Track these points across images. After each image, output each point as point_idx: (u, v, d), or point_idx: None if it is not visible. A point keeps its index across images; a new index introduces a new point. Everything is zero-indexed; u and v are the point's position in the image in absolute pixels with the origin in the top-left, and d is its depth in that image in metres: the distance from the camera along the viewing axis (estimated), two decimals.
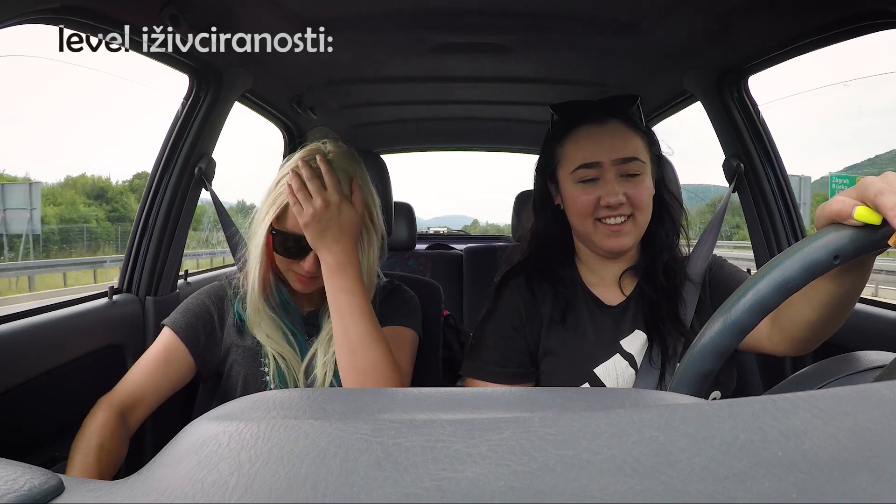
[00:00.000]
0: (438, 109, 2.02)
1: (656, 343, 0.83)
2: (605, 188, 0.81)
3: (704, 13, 1.06)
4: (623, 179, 0.82)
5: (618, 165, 0.82)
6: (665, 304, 0.84)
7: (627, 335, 0.85)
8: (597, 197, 0.81)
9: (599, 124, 0.84)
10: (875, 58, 7.09)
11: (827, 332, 0.65)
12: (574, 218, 0.86)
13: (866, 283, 0.58)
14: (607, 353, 0.84)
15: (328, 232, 0.83)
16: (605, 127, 0.84)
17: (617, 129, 0.84)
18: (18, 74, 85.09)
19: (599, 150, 0.82)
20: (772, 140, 1.29)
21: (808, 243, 0.43)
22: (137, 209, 1.24)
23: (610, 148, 0.82)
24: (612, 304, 0.87)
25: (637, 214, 0.82)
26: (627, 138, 0.83)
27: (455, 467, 0.20)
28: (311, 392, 0.30)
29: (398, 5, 1.12)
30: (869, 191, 0.42)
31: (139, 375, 0.88)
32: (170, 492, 0.21)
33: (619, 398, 0.31)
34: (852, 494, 0.18)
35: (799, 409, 0.22)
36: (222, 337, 0.94)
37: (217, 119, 1.27)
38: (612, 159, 0.81)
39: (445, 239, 3.26)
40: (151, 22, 0.96)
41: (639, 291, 0.87)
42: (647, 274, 0.87)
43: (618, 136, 0.83)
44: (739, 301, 0.43)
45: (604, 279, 0.89)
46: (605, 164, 0.82)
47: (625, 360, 0.83)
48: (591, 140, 0.83)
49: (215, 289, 0.97)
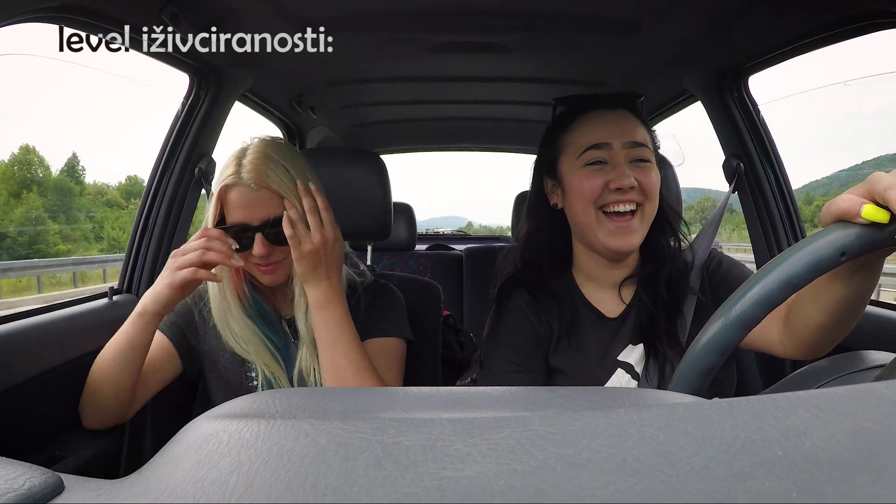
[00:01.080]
0: (438, 109, 2.02)
1: (653, 358, 0.81)
2: (614, 171, 0.77)
3: (704, 13, 1.06)
4: (633, 165, 0.78)
5: (628, 149, 0.78)
6: (664, 321, 0.81)
7: (626, 347, 0.83)
8: (605, 181, 0.77)
9: (608, 109, 0.82)
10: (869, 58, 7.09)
11: (837, 336, 0.64)
12: (577, 208, 0.80)
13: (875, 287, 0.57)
14: (610, 369, 0.82)
15: (319, 268, 0.82)
16: (615, 112, 0.82)
17: (626, 116, 0.81)
18: (18, 74, 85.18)
19: (610, 131, 0.79)
20: (772, 140, 1.29)
21: (816, 239, 0.43)
22: (138, 209, 1.24)
23: (621, 131, 0.79)
24: (612, 315, 0.85)
25: (646, 205, 0.78)
26: (636, 125, 0.81)
27: (455, 466, 0.20)
28: (310, 391, 0.30)
29: (398, 5, 1.12)
30: (878, 186, 0.42)
31: None
32: (170, 491, 0.21)
33: (619, 397, 0.31)
34: (852, 494, 0.18)
35: (799, 408, 0.22)
36: (206, 338, 0.94)
37: (217, 119, 1.27)
38: (622, 142, 0.78)
39: (445, 239, 3.26)
40: (151, 21, 0.96)
41: (638, 299, 0.84)
42: (647, 285, 0.84)
43: (627, 122, 0.80)
44: (745, 295, 0.43)
45: (602, 287, 0.86)
46: (615, 147, 0.78)
47: (627, 373, 0.82)
48: (601, 122, 0.81)
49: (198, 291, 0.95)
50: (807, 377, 0.49)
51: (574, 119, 0.83)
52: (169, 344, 0.91)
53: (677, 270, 0.85)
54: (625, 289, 0.86)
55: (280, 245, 0.85)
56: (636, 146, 0.79)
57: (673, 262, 0.85)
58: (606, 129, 0.79)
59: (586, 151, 0.79)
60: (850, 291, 0.56)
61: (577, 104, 0.86)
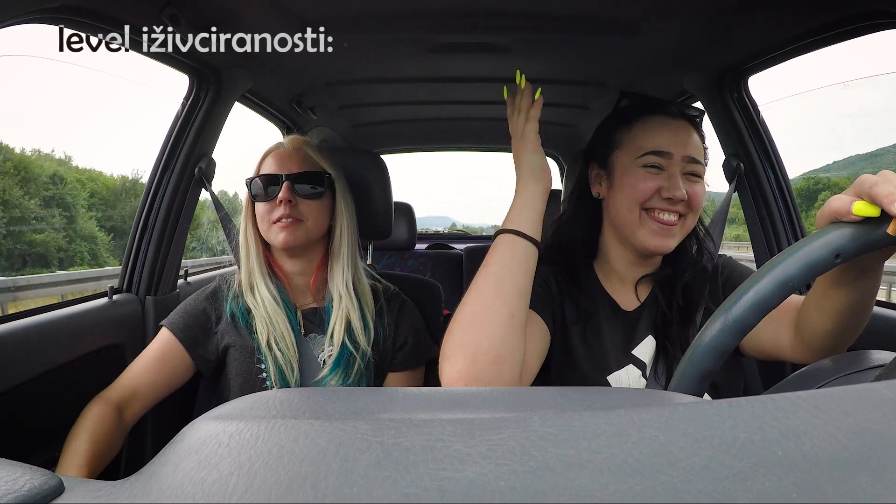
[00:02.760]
0: (438, 109, 2.02)
1: (663, 357, 0.82)
2: (669, 180, 0.79)
3: (704, 13, 1.06)
4: (686, 178, 0.80)
5: (685, 163, 0.80)
6: (678, 326, 0.82)
7: (640, 342, 0.84)
8: (657, 186, 0.79)
9: (674, 118, 0.83)
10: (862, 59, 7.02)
11: (847, 339, 0.65)
12: (623, 204, 0.81)
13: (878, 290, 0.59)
14: (621, 362, 0.83)
15: None
16: (679, 123, 0.83)
17: (689, 129, 0.83)
18: (18, 74, 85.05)
19: (673, 142, 0.80)
20: (772, 140, 1.29)
21: (810, 242, 0.43)
22: (138, 209, 1.24)
23: (683, 143, 0.80)
24: (628, 309, 0.86)
25: (689, 216, 0.81)
26: (696, 141, 0.82)
27: (455, 467, 0.20)
28: (311, 392, 0.30)
29: (398, 5, 1.11)
30: (864, 185, 0.44)
31: (135, 372, 0.91)
32: (170, 491, 0.21)
33: (619, 398, 0.31)
34: (852, 494, 0.18)
35: (799, 408, 0.22)
36: (219, 336, 0.96)
37: (217, 119, 1.27)
38: (683, 155, 0.80)
39: (445, 238, 3.26)
40: (151, 22, 0.95)
41: (653, 299, 0.85)
42: (664, 286, 0.85)
43: (690, 135, 0.82)
44: (740, 300, 0.43)
45: (623, 282, 0.87)
46: (675, 157, 0.80)
47: (638, 369, 0.82)
48: (665, 129, 0.82)
49: (212, 289, 1.00)
50: (807, 377, 0.49)
51: (639, 118, 0.84)
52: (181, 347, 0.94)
53: (696, 279, 0.86)
54: (641, 286, 0.87)
55: (304, 198, 0.94)
56: (693, 162, 0.81)
57: (693, 270, 0.86)
58: (670, 138, 0.81)
59: (647, 155, 0.80)
60: (852, 297, 0.57)
61: (645, 104, 0.87)
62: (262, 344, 0.92)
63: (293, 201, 0.93)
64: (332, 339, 0.94)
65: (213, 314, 0.97)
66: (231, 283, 0.99)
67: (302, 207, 0.94)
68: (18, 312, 0.94)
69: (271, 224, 0.93)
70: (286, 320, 0.94)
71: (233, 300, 0.96)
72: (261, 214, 0.94)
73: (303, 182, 0.95)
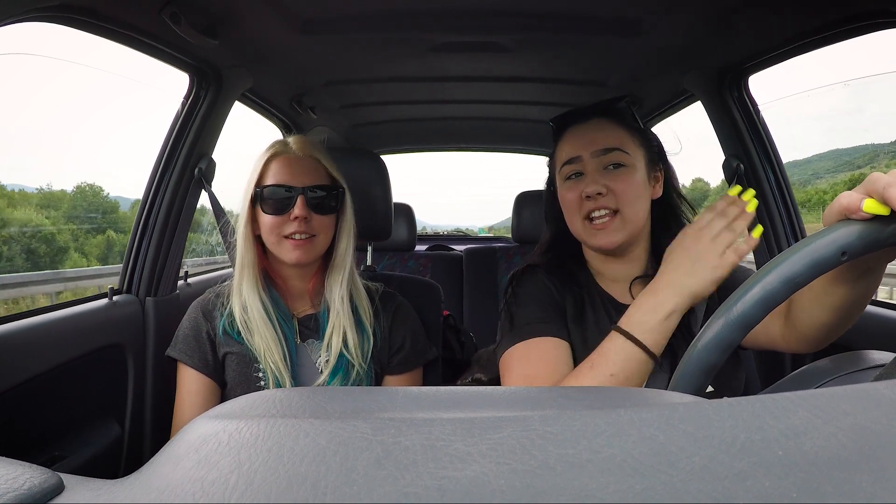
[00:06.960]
0: (438, 109, 2.02)
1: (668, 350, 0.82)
2: (585, 180, 0.83)
3: (704, 13, 1.06)
4: (606, 172, 0.82)
5: (597, 158, 0.83)
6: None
7: None
8: (580, 191, 0.82)
9: (583, 122, 0.87)
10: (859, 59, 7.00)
11: (839, 332, 0.67)
12: (567, 218, 0.87)
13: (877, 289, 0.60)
14: None
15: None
16: (588, 124, 0.87)
17: (598, 124, 0.86)
18: (17, 73, 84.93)
19: (580, 144, 0.85)
20: (772, 140, 1.29)
21: (817, 238, 0.43)
22: (138, 209, 1.24)
23: (590, 141, 0.84)
24: (626, 302, 0.86)
25: (623, 209, 0.81)
26: (608, 131, 0.85)
27: (455, 466, 0.20)
28: (310, 391, 0.30)
29: (398, 5, 1.11)
30: (877, 185, 0.43)
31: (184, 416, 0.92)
32: (170, 490, 0.21)
33: (619, 397, 0.31)
34: (852, 494, 0.18)
35: (799, 408, 0.22)
36: (218, 346, 0.96)
37: (217, 119, 1.27)
38: (590, 151, 0.83)
39: (445, 240, 3.26)
40: (151, 21, 0.95)
41: None
42: None
43: (598, 130, 0.85)
44: (746, 294, 0.43)
45: (615, 279, 0.89)
46: (584, 158, 0.84)
47: None
48: (575, 136, 0.86)
49: (203, 302, 0.99)
50: (807, 377, 0.49)
51: (558, 138, 0.90)
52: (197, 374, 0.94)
53: None
54: (636, 288, 0.87)
55: (319, 213, 0.90)
56: (607, 152, 0.83)
57: None
58: (577, 143, 0.85)
59: (564, 167, 0.86)
60: (853, 294, 0.58)
61: (557, 123, 0.92)
62: (257, 353, 0.92)
63: (308, 217, 0.89)
64: (329, 348, 0.94)
65: (209, 329, 0.96)
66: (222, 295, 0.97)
67: (314, 222, 0.91)
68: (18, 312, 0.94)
69: (282, 238, 0.90)
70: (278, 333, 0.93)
71: (227, 316, 0.95)
72: (269, 227, 0.91)
73: (317, 197, 0.91)
